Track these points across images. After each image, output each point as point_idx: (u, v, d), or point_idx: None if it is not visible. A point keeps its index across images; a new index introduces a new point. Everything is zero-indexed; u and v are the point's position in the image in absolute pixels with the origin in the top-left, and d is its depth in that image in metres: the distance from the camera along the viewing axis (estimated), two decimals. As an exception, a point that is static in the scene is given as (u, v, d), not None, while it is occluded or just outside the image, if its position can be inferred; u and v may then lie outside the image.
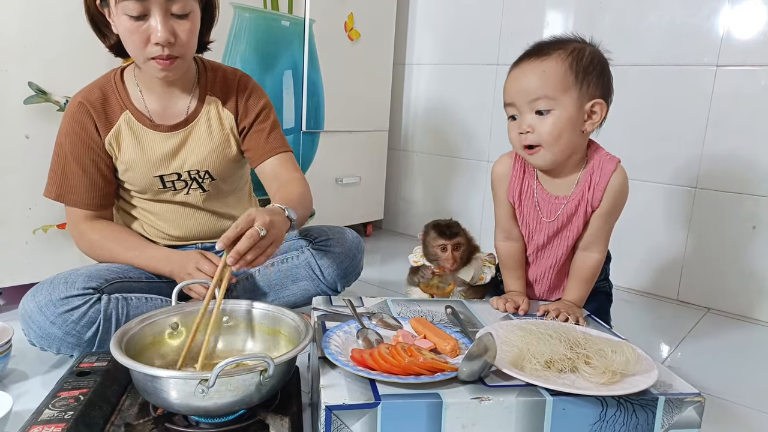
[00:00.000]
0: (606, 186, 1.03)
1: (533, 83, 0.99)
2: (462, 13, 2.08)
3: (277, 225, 0.94)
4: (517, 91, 1.01)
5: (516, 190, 1.12)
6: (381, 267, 1.93)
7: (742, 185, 1.57)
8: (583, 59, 0.99)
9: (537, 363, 0.81)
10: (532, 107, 1.00)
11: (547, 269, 1.15)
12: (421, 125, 2.27)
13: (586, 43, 1.03)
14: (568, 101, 0.98)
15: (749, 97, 1.53)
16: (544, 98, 0.98)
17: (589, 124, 1.01)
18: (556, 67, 0.98)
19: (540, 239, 1.12)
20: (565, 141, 1.00)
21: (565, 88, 0.98)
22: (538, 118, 1.00)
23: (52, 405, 0.80)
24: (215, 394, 0.73)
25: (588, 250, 1.09)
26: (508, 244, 1.17)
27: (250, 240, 0.88)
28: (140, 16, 0.99)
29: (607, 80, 1.03)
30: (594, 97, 1.00)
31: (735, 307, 1.62)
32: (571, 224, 1.08)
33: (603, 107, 1.00)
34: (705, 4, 1.57)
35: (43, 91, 1.28)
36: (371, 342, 0.88)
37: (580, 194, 1.05)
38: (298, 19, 1.77)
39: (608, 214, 1.05)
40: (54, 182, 1.14)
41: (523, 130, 1.01)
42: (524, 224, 1.13)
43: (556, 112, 0.99)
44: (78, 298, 1.00)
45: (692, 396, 0.78)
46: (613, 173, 1.03)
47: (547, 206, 1.09)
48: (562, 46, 1.00)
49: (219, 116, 1.19)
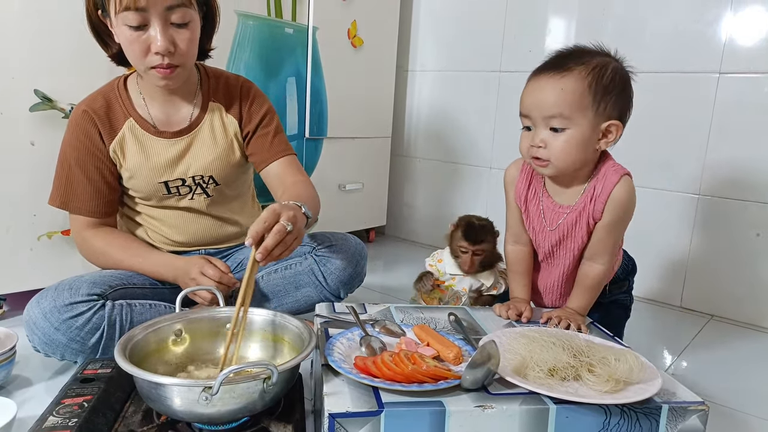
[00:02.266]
0: (608, 198, 1.01)
1: (550, 100, 0.97)
2: (465, 19, 2.09)
3: (299, 220, 0.96)
4: (534, 105, 0.99)
5: (523, 195, 1.11)
6: (384, 273, 1.93)
7: (745, 192, 1.57)
8: (604, 78, 0.97)
9: (540, 371, 0.81)
10: (547, 123, 0.98)
11: (556, 278, 1.14)
12: (423, 131, 2.28)
13: (611, 58, 1.00)
14: (583, 122, 0.97)
15: (752, 105, 1.53)
16: (559, 117, 0.97)
17: (603, 143, 1.00)
18: (575, 86, 0.96)
19: (545, 246, 1.11)
20: (573, 159, 0.99)
21: (581, 108, 0.96)
22: (551, 134, 0.98)
23: (56, 412, 0.80)
24: (219, 402, 0.73)
25: (592, 260, 1.08)
26: (518, 248, 1.16)
27: (278, 235, 0.88)
28: (140, 26, 0.99)
29: (626, 98, 1.01)
30: (611, 117, 0.98)
31: (739, 315, 1.61)
32: (575, 234, 1.07)
33: (619, 128, 0.99)
34: (708, 11, 1.58)
35: (48, 98, 1.28)
36: (374, 349, 0.88)
37: (582, 205, 1.04)
38: (301, 27, 1.78)
39: (611, 226, 1.04)
40: (58, 190, 1.14)
41: (535, 143, 1.00)
42: (531, 229, 1.13)
43: (570, 131, 0.97)
44: (82, 305, 1.00)
45: (696, 404, 0.78)
46: (615, 185, 1.00)
47: (551, 214, 1.08)
48: (584, 61, 0.97)
49: (222, 122, 1.20)
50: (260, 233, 0.89)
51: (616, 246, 1.08)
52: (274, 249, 0.89)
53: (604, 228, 1.04)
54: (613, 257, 1.08)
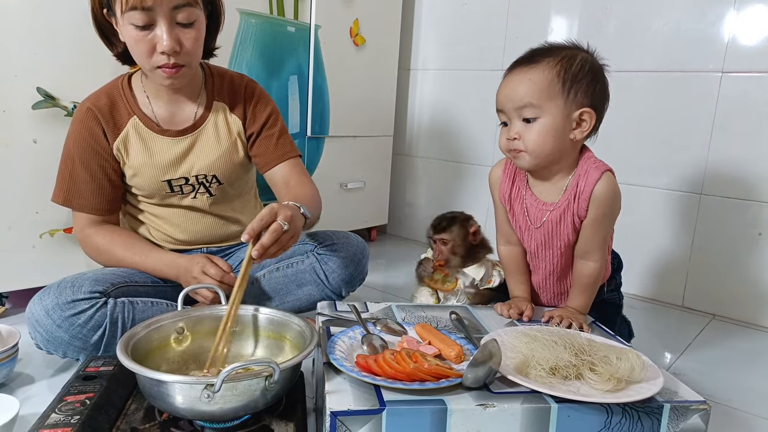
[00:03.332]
0: (590, 195, 1.01)
1: (520, 91, 0.99)
2: (467, 18, 2.08)
3: (297, 220, 0.97)
4: (506, 98, 1.02)
5: (507, 193, 1.12)
6: (385, 272, 1.93)
7: (747, 191, 1.57)
8: (573, 67, 0.99)
9: (542, 370, 0.81)
10: (520, 114, 1.01)
11: (547, 276, 1.14)
12: (425, 130, 2.28)
13: (580, 50, 1.02)
14: (554, 110, 0.99)
15: (755, 104, 1.53)
16: (530, 106, 0.99)
17: (578, 132, 1.01)
18: (543, 75, 0.98)
19: (531, 245, 1.12)
20: (549, 148, 1.00)
21: (551, 96, 0.98)
22: (524, 126, 1.01)
23: (58, 409, 0.80)
24: (221, 399, 0.73)
25: (584, 258, 1.08)
26: (509, 249, 1.17)
27: (274, 234, 0.91)
28: (146, 25, 0.99)
29: (600, 88, 1.02)
30: (582, 105, 0.99)
31: (740, 314, 1.61)
32: (560, 232, 1.07)
33: (592, 116, 1.00)
34: (710, 10, 1.57)
35: (51, 96, 1.29)
36: (376, 348, 0.88)
37: (566, 202, 1.05)
38: (303, 25, 1.78)
39: (597, 223, 1.04)
40: (62, 187, 1.15)
41: (510, 136, 1.02)
42: (517, 228, 1.14)
43: (542, 120, 0.99)
44: (84, 302, 1.00)
45: (698, 403, 0.78)
46: (597, 182, 1.01)
47: (535, 212, 1.09)
48: (552, 54, 1.00)
49: (226, 121, 1.20)
50: (257, 231, 0.91)
51: (606, 242, 1.09)
52: (270, 247, 0.91)
53: (590, 225, 1.04)
54: (604, 253, 1.08)
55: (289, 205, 0.99)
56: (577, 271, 1.09)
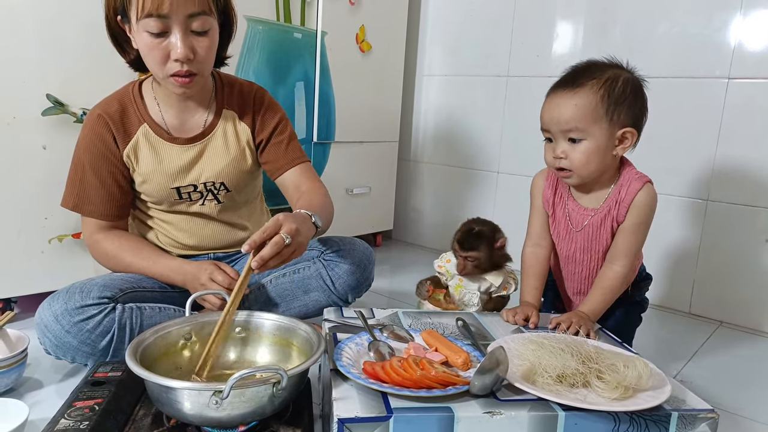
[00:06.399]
0: (631, 202, 1.07)
1: (565, 115, 1.04)
2: (473, 24, 2.09)
3: (303, 233, 0.98)
4: (551, 120, 1.06)
5: (550, 200, 1.18)
6: (391, 278, 1.93)
7: (754, 198, 1.57)
8: (616, 90, 1.03)
9: (549, 377, 0.81)
10: (565, 135, 1.06)
11: (582, 281, 1.19)
12: (431, 136, 2.28)
13: (622, 69, 1.07)
14: (598, 132, 1.04)
15: (761, 109, 1.53)
16: (576, 130, 1.04)
17: (620, 149, 1.07)
18: (588, 100, 1.03)
19: (570, 248, 1.16)
20: (594, 167, 1.06)
21: (595, 120, 1.03)
22: (570, 146, 1.06)
23: (67, 414, 0.81)
24: (229, 406, 0.74)
25: (612, 262, 1.12)
26: (536, 251, 1.20)
27: (275, 247, 0.91)
28: (161, 33, 1.00)
29: (640, 106, 1.07)
30: (625, 125, 1.05)
31: (748, 321, 1.60)
32: (599, 236, 1.12)
33: (633, 134, 1.06)
34: (716, 16, 1.57)
35: (60, 102, 1.30)
36: (383, 354, 0.88)
37: (607, 208, 1.10)
38: (310, 32, 1.79)
39: (633, 228, 1.09)
40: (71, 193, 1.15)
41: (557, 155, 1.07)
42: (555, 232, 1.18)
43: (586, 142, 1.05)
44: (93, 308, 1.01)
45: (706, 412, 0.78)
46: (639, 191, 1.07)
47: (576, 216, 1.14)
48: (595, 76, 1.04)
49: (236, 130, 1.21)
50: (258, 243, 0.92)
51: (638, 249, 1.13)
52: (270, 260, 0.92)
53: (627, 229, 1.10)
54: (632, 261, 1.12)
55: (300, 215, 1.00)
56: (601, 273, 1.13)
